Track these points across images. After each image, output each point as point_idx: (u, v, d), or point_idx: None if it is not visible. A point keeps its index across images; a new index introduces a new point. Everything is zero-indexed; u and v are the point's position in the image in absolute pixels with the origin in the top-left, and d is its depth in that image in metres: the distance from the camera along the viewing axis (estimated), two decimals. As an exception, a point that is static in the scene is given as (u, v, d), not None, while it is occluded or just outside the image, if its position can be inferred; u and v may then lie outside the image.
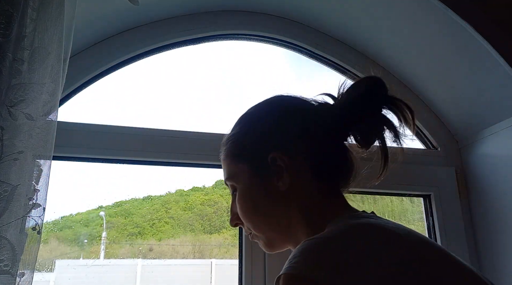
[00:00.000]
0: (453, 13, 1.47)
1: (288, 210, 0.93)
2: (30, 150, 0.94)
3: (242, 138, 0.99)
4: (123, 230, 1.79)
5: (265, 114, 1.00)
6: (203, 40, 1.79)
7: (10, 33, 0.95)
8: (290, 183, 0.92)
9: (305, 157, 0.93)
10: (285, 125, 0.95)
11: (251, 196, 0.96)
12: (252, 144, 0.97)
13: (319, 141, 0.94)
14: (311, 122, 0.95)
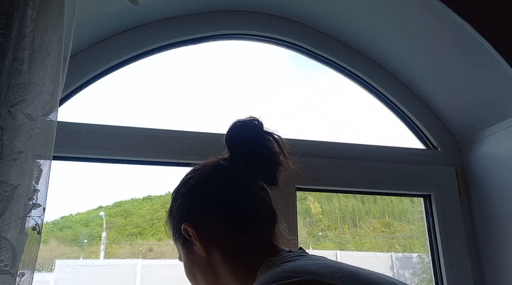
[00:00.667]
0: (453, 13, 1.47)
1: (219, 276, 0.96)
2: (30, 150, 0.94)
3: (167, 217, 1.07)
4: (123, 230, 1.78)
5: (175, 192, 1.06)
6: (203, 40, 1.79)
7: (10, 33, 0.95)
8: (207, 249, 0.95)
9: (217, 220, 0.96)
10: (189, 196, 1.01)
11: (188, 270, 1.06)
12: (172, 221, 1.04)
13: (227, 203, 0.97)
14: (214, 189, 0.99)
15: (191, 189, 1.01)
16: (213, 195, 0.98)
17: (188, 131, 1.60)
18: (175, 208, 1.03)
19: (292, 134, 1.72)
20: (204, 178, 1.00)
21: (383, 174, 1.75)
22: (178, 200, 1.02)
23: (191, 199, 1.00)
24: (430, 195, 1.79)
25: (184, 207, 1.00)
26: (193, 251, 0.98)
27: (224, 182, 0.99)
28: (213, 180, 0.99)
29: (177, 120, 1.67)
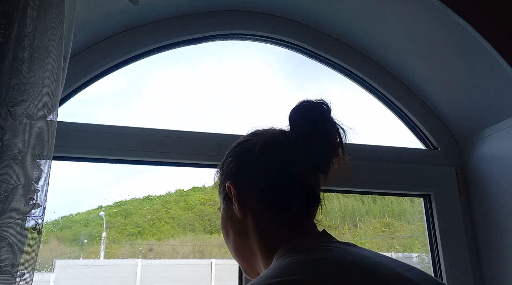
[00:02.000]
0: (453, 13, 1.47)
1: (248, 240, 0.98)
2: (30, 150, 0.94)
3: (218, 168, 1.09)
4: (123, 230, 1.79)
5: (231, 148, 1.08)
6: (203, 40, 1.79)
7: (10, 33, 0.95)
8: (242, 212, 0.97)
9: (258, 190, 0.96)
10: (240, 158, 1.02)
11: (223, 224, 1.06)
12: (220, 173, 1.07)
13: (272, 177, 0.96)
14: (265, 159, 0.98)
15: (244, 153, 1.01)
16: (262, 165, 0.97)
17: (188, 131, 1.60)
18: (226, 163, 1.05)
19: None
20: (258, 146, 0.99)
21: (383, 174, 1.75)
22: (230, 158, 1.04)
23: (241, 161, 1.01)
24: (430, 195, 1.79)
25: (233, 166, 1.01)
26: (231, 208, 1.00)
27: (277, 156, 0.97)
28: (266, 151, 0.98)
29: (177, 120, 1.67)
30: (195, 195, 1.96)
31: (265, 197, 0.95)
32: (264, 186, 0.96)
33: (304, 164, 0.95)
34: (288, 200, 0.94)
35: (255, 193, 0.96)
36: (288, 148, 0.96)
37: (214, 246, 1.93)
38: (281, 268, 0.79)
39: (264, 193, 0.96)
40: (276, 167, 0.96)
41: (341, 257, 0.81)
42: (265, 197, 0.95)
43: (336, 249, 0.85)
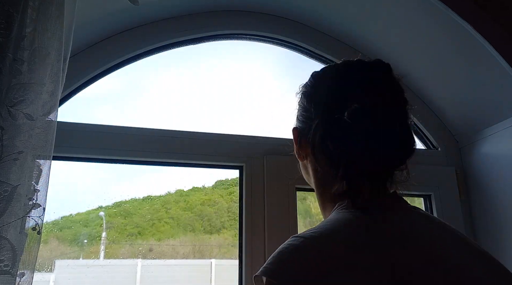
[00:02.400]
0: (453, 13, 1.47)
1: (311, 177, 1.03)
2: (30, 150, 0.94)
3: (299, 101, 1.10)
4: (123, 230, 1.78)
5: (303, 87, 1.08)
6: (203, 40, 1.79)
7: (10, 33, 0.95)
8: (305, 155, 1.01)
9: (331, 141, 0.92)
10: (318, 100, 1.00)
11: (300, 164, 1.09)
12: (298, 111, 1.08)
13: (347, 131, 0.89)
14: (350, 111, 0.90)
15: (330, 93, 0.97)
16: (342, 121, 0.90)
17: (188, 132, 1.60)
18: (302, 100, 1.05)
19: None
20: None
21: (383, 174, 1.74)
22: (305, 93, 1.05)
23: (320, 106, 0.98)
24: (430, 195, 1.79)
25: (306, 109, 1.02)
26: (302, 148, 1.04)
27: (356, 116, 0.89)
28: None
29: (177, 120, 1.67)
30: (195, 195, 1.96)
31: (328, 150, 0.92)
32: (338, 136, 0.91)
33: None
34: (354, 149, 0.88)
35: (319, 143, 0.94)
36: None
37: (214, 246, 1.92)
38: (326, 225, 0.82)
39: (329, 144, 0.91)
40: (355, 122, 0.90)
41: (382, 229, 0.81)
42: (325, 150, 0.93)
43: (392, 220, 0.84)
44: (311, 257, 0.73)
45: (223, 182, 1.90)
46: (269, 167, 1.61)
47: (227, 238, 1.89)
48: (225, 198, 1.93)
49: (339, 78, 0.99)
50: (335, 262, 0.72)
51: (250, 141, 1.65)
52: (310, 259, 0.73)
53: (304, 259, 0.73)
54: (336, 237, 0.78)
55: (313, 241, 0.76)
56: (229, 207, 1.92)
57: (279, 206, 1.57)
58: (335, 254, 0.73)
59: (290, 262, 0.74)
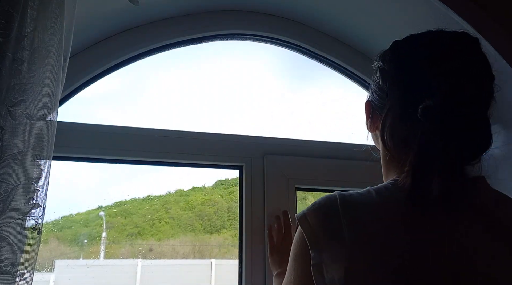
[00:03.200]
0: (453, 13, 1.47)
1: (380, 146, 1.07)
2: (30, 150, 0.94)
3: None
4: (123, 230, 1.78)
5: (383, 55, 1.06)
6: (203, 40, 1.78)
7: (10, 33, 0.95)
8: (375, 127, 1.03)
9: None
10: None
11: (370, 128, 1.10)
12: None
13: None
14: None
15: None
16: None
17: (188, 132, 1.60)
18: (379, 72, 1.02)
19: (292, 134, 1.72)
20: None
21: (383, 174, 1.74)
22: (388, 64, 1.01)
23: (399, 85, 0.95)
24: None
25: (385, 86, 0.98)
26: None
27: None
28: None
29: (177, 120, 1.67)
30: (195, 195, 1.96)
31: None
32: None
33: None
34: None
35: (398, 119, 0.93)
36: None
37: (214, 246, 1.92)
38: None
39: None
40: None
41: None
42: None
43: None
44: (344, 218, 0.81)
45: (223, 182, 1.90)
46: (269, 167, 1.61)
47: (227, 238, 1.89)
48: (225, 198, 1.93)
49: (418, 60, 0.94)
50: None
51: (250, 141, 1.65)
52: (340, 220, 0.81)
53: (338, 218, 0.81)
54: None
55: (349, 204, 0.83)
56: (229, 207, 1.92)
57: (279, 206, 1.57)
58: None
59: (326, 215, 0.84)
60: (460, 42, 0.95)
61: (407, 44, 1.03)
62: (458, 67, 0.89)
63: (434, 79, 0.87)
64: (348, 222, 0.79)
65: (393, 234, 0.78)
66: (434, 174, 0.81)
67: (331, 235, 0.79)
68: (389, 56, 1.01)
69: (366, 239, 0.77)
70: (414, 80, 0.91)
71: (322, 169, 1.68)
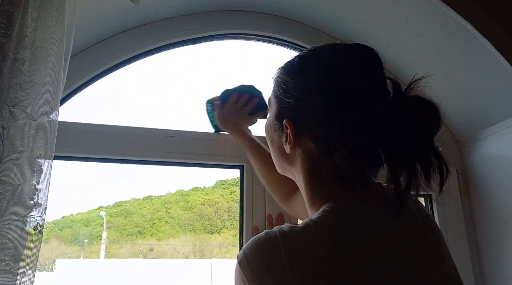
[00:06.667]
0: (454, 12, 1.47)
1: (292, 170, 1.01)
2: (31, 149, 0.94)
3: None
4: (123, 229, 1.79)
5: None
6: (203, 40, 1.78)
7: (11, 33, 0.95)
8: (294, 147, 0.96)
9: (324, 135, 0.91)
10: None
11: (269, 133, 1.08)
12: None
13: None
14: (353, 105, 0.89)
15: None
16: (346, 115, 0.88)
17: (188, 131, 1.60)
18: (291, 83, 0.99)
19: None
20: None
21: (383, 174, 1.74)
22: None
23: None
24: (431, 195, 1.79)
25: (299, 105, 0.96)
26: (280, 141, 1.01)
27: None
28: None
29: (177, 120, 1.67)
30: (195, 195, 1.96)
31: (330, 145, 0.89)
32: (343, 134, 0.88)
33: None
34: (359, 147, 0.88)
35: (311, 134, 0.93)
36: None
37: (214, 246, 1.93)
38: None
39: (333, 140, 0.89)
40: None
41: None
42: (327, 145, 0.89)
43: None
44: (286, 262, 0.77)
45: (224, 181, 1.90)
46: (270, 167, 1.61)
47: (228, 237, 1.89)
48: (226, 197, 1.93)
49: (333, 67, 0.94)
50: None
51: (250, 141, 1.65)
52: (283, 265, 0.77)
53: (281, 262, 0.77)
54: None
55: (291, 243, 0.80)
56: (230, 207, 1.92)
57: (279, 206, 1.57)
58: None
59: (269, 259, 0.79)
60: (359, 55, 0.97)
61: (315, 53, 1.02)
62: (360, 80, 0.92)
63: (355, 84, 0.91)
64: (291, 262, 0.75)
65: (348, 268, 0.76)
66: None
67: (273, 277, 0.75)
68: (299, 70, 1.02)
69: (312, 277, 0.74)
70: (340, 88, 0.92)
71: (322, 168, 1.68)
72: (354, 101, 0.89)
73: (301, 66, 1.01)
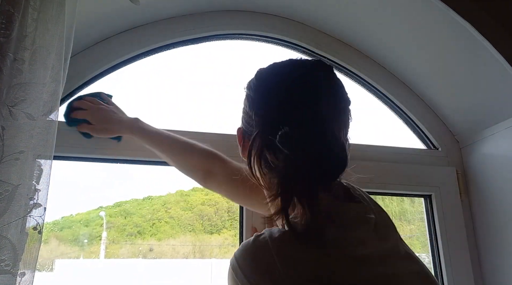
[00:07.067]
0: (454, 13, 1.47)
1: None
2: (31, 149, 0.94)
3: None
4: (123, 230, 1.79)
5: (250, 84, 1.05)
6: (203, 40, 1.78)
7: (11, 33, 0.95)
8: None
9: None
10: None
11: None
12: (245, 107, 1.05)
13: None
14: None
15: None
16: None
17: (188, 132, 1.60)
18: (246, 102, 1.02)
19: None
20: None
21: (383, 174, 1.74)
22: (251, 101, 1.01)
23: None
24: (430, 195, 1.79)
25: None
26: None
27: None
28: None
29: (177, 120, 1.67)
30: (195, 195, 1.96)
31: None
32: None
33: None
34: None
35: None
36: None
37: (214, 246, 1.93)
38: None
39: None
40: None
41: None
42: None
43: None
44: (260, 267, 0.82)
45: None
46: (270, 167, 1.61)
47: (227, 238, 1.89)
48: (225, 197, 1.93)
49: (276, 88, 0.97)
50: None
51: (250, 141, 1.64)
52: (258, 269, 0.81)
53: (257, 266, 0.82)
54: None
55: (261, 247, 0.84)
56: (229, 207, 1.92)
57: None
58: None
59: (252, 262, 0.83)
60: (314, 71, 0.99)
61: (269, 73, 1.03)
62: (312, 95, 0.93)
63: (290, 107, 0.91)
64: (283, 264, 0.77)
65: (309, 267, 0.79)
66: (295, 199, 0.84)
67: (268, 279, 0.77)
68: (253, 84, 1.02)
69: (298, 275, 0.77)
70: (274, 108, 0.94)
71: (322, 169, 1.67)
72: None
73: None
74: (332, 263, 0.80)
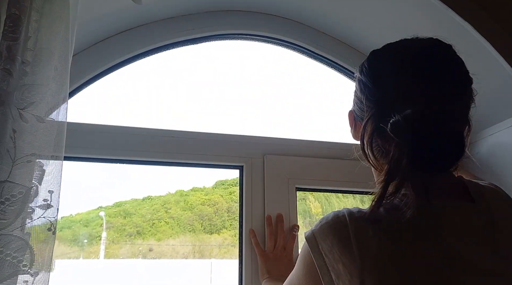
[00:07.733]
0: (454, 13, 1.48)
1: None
2: (42, 151, 0.94)
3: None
4: (123, 230, 1.79)
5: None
6: (203, 40, 1.78)
7: (19, 36, 0.95)
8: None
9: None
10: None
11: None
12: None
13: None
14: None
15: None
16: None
17: (188, 132, 1.60)
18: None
19: (292, 134, 1.72)
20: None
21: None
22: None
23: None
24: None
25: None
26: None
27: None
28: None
29: (177, 120, 1.67)
30: (195, 195, 1.96)
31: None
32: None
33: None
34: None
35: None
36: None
37: (214, 246, 1.93)
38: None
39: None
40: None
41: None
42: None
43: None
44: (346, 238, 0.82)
45: (223, 182, 1.90)
46: (269, 167, 1.62)
47: (227, 238, 1.89)
48: (225, 198, 1.94)
49: (393, 71, 0.95)
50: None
51: (250, 141, 1.65)
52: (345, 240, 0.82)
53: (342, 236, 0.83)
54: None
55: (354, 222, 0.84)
56: (229, 207, 1.93)
57: (279, 206, 1.57)
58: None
59: (332, 234, 0.85)
60: (434, 49, 1.00)
61: (382, 54, 1.02)
62: (434, 75, 0.92)
63: (410, 89, 0.89)
64: (357, 238, 0.79)
65: (399, 247, 0.78)
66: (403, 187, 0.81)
67: (341, 252, 0.79)
68: (365, 67, 1.01)
69: (375, 253, 0.77)
70: (389, 92, 0.92)
71: (323, 169, 1.68)
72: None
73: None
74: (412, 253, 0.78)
